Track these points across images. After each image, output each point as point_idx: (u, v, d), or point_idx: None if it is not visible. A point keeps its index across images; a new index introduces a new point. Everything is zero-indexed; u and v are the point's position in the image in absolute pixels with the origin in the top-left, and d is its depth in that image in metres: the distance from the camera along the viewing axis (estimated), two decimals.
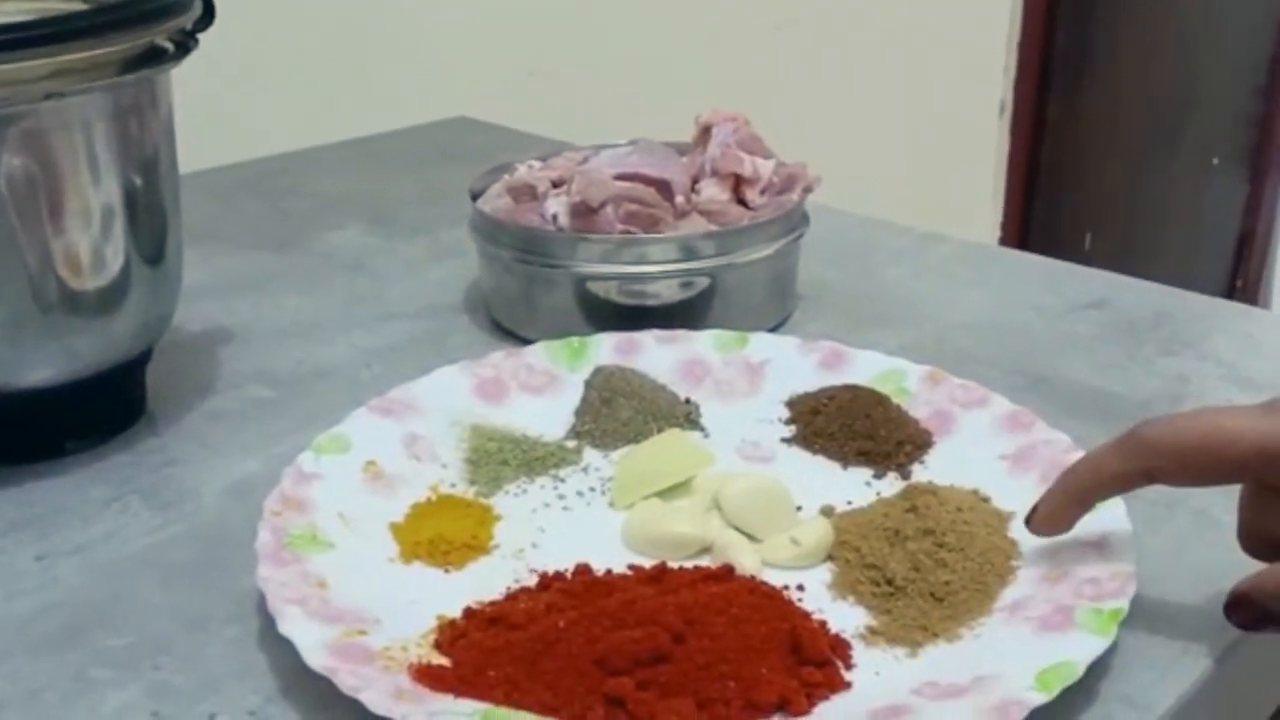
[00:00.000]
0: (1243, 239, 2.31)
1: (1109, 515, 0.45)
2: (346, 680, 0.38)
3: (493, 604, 0.44)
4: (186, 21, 0.52)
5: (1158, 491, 0.42)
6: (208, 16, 0.54)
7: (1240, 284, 2.33)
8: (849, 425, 0.54)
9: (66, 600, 0.46)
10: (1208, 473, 0.41)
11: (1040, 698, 0.37)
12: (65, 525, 0.50)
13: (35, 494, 0.52)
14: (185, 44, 0.53)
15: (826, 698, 0.39)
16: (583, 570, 0.46)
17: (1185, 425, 0.40)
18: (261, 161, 0.97)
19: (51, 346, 0.51)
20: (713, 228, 0.64)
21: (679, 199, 0.65)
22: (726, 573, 0.45)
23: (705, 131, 0.69)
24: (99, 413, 0.56)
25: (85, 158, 0.50)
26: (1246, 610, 0.40)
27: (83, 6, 0.53)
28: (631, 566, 0.46)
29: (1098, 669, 0.39)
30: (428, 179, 0.94)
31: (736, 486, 0.49)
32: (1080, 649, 0.39)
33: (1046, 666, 0.38)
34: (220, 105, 0.90)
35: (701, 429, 0.56)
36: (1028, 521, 0.44)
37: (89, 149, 0.50)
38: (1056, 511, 0.43)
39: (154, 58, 0.52)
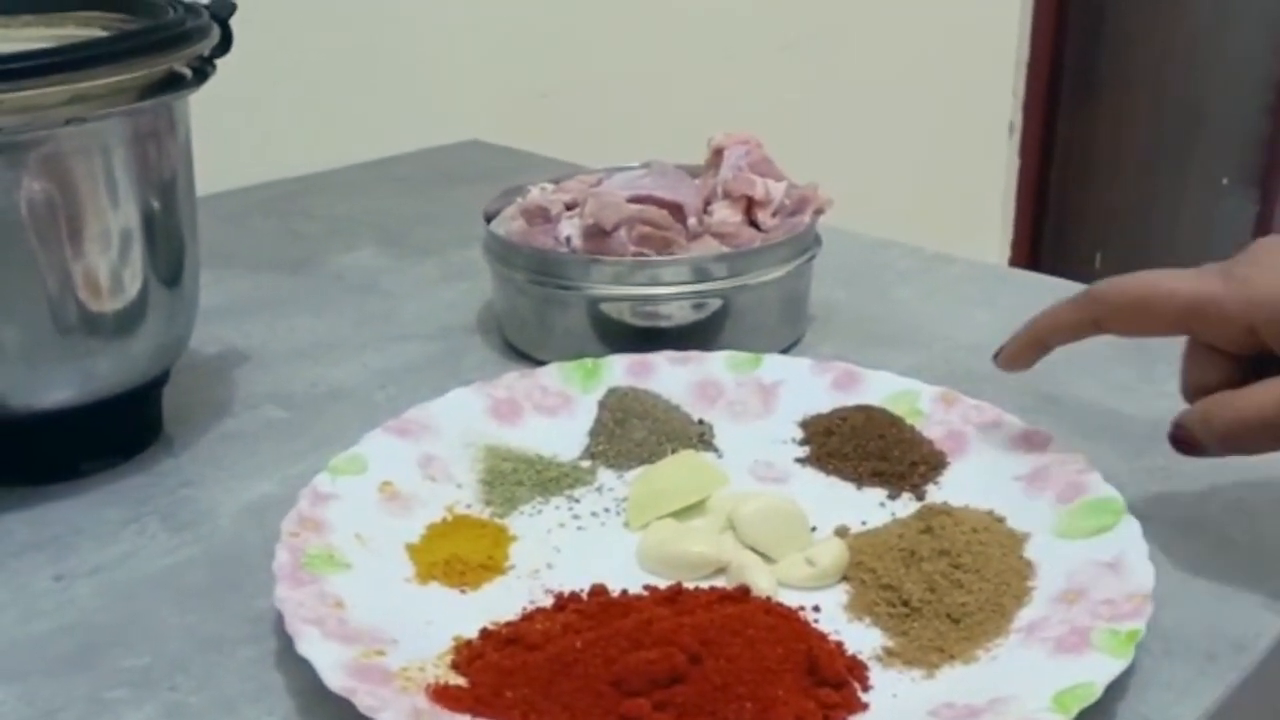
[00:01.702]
0: None
1: (1125, 536, 0.45)
2: (365, 701, 0.38)
3: (509, 624, 0.44)
4: (205, 48, 0.52)
5: (1173, 513, 0.42)
6: (225, 43, 0.54)
7: None
8: (863, 446, 0.54)
9: (83, 621, 0.46)
10: (1146, 325, 0.46)
11: (1057, 719, 0.37)
12: (82, 546, 0.50)
13: (52, 515, 0.53)
14: (203, 70, 0.54)
15: (843, 719, 0.39)
16: (598, 591, 0.46)
17: (1130, 282, 0.46)
18: (274, 184, 0.97)
19: (70, 368, 0.52)
20: (725, 249, 0.64)
21: (691, 221, 0.65)
22: (742, 593, 0.45)
23: (717, 154, 0.69)
24: (116, 434, 0.56)
25: (104, 182, 0.50)
26: (1182, 437, 0.46)
27: (103, 34, 0.54)
28: (647, 587, 0.46)
29: (1114, 690, 0.39)
30: (439, 201, 0.94)
31: (751, 507, 0.49)
32: (1097, 670, 0.39)
33: (1063, 688, 0.38)
34: (233, 128, 0.91)
35: (715, 449, 0.56)
36: (995, 358, 0.52)
37: (108, 173, 0.50)
38: (1019, 352, 0.51)
39: (172, 84, 0.52)
